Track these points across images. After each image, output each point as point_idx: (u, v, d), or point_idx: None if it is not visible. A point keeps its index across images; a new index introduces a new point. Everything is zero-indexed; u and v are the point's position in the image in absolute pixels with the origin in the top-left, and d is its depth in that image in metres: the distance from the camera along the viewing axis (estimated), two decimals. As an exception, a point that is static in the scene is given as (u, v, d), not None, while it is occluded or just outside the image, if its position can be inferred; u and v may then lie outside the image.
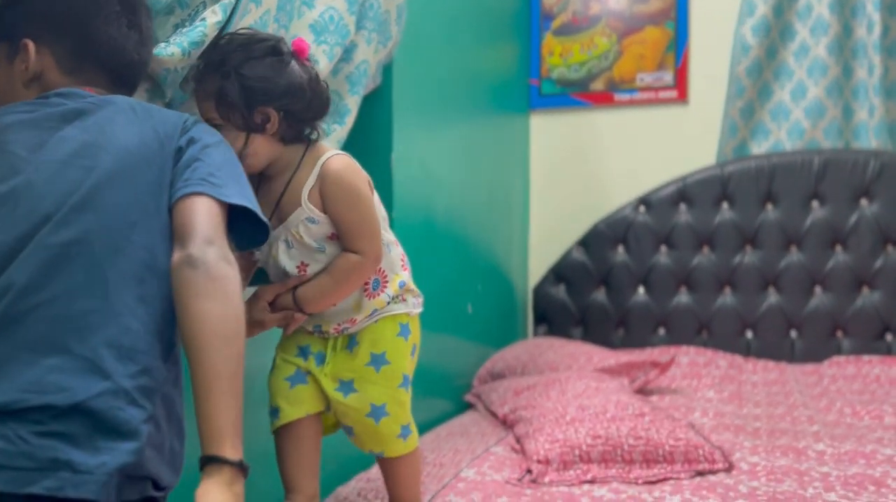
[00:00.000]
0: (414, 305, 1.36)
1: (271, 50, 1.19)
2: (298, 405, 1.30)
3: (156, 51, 1.20)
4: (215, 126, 1.15)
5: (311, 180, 1.21)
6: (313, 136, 1.26)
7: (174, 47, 1.22)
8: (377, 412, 1.29)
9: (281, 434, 1.31)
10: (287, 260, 1.24)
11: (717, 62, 2.83)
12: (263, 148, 1.20)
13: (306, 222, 1.21)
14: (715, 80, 2.84)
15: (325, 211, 1.21)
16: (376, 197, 1.30)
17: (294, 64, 1.20)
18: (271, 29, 1.45)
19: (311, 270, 1.24)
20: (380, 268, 1.28)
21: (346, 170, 1.23)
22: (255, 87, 1.16)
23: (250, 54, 1.17)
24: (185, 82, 1.24)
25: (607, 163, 2.99)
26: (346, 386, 1.29)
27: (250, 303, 1.24)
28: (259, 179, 1.25)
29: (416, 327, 1.37)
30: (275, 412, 1.31)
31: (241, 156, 1.16)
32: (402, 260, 1.35)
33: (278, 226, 1.23)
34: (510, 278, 2.90)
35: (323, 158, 1.22)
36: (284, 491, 1.33)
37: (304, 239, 1.22)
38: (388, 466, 1.37)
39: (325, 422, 1.38)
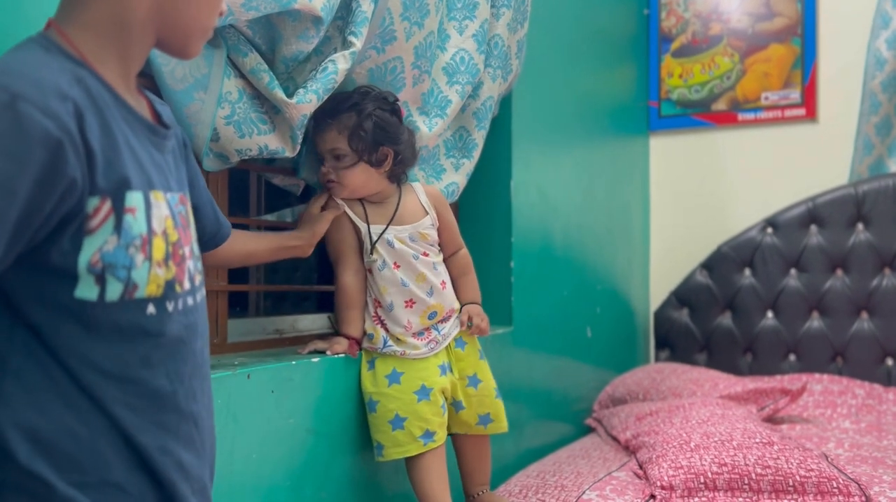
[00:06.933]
0: None
1: (395, 107, 1.49)
2: (445, 426, 1.49)
3: (296, 99, 1.31)
4: (339, 155, 1.43)
5: (423, 198, 1.56)
6: (404, 179, 1.56)
7: (312, 94, 1.33)
8: (496, 393, 1.60)
9: (429, 457, 1.45)
10: (414, 246, 1.52)
11: (848, 78, 2.72)
12: (372, 178, 1.47)
13: (430, 226, 1.55)
14: (846, 96, 2.72)
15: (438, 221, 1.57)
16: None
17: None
18: (411, 75, 1.55)
19: (431, 255, 1.54)
20: (443, 281, 1.55)
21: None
22: (387, 130, 1.45)
23: (383, 105, 1.46)
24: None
25: (731, 183, 2.92)
26: (473, 380, 1.56)
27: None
28: (363, 203, 1.52)
29: None
30: (429, 435, 1.45)
31: (338, 177, 1.43)
32: None
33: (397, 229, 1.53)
34: (630, 302, 2.88)
35: (417, 185, 1.58)
36: None
37: (429, 236, 1.55)
38: (482, 442, 1.61)
39: None
